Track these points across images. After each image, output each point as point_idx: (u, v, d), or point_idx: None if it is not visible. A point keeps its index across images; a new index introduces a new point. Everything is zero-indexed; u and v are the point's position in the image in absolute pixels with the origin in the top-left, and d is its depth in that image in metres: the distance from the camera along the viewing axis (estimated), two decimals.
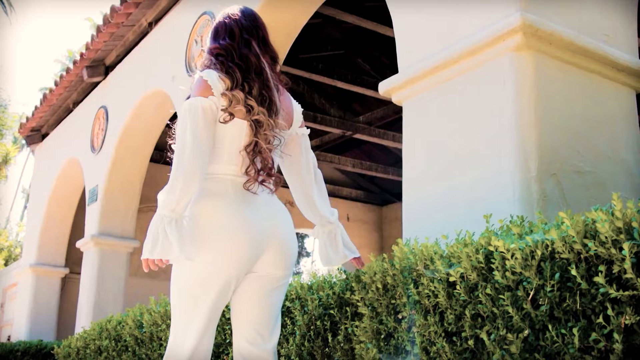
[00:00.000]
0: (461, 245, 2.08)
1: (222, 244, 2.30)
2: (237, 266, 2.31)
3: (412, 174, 3.75)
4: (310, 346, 2.75)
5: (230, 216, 2.31)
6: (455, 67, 3.58)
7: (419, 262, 2.25)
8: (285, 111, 2.49)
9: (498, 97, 3.33)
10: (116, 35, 8.02)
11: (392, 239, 13.45)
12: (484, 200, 3.28)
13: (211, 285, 2.31)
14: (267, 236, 2.36)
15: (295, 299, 2.92)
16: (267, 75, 2.39)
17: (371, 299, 2.43)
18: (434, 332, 2.15)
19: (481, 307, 2.02)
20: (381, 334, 2.37)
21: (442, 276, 2.14)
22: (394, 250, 2.46)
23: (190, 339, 2.31)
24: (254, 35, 2.46)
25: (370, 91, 9.02)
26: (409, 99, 3.94)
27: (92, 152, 8.69)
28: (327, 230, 2.71)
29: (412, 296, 2.26)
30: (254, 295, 2.40)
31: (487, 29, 3.36)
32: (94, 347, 4.78)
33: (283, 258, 2.41)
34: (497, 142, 3.29)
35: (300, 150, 2.60)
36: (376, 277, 2.43)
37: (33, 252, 10.15)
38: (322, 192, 2.67)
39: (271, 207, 2.42)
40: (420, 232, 3.48)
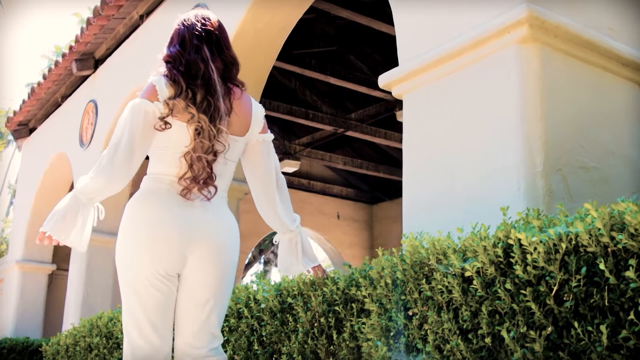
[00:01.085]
0: (478, 239, 1.99)
1: (143, 239, 2.32)
2: (159, 262, 2.31)
3: (413, 168, 3.68)
4: (313, 344, 2.65)
5: (156, 214, 2.33)
6: (458, 59, 3.52)
7: (431, 256, 2.16)
8: (239, 116, 2.47)
9: (502, 91, 3.27)
10: (106, 28, 7.89)
11: (382, 237, 13.40)
12: (488, 195, 3.22)
13: (137, 280, 2.34)
14: (195, 238, 2.35)
15: (298, 295, 2.82)
16: (213, 81, 2.38)
17: (379, 295, 2.34)
18: (448, 330, 2.06)
19: (499, 303, 1.93)
20: (390, 331, 2.28)
21: (457, 271, 2.06)
22: (403, 245, 2.38)
23: (136, 338, 2.34)
24: (205, 40, 2.45)
25: (363, 88, 8.96)
26: (410, 92, 3.87)
27: (81, 146, 8.55)
28: (287, 238, 2.69)
29: (423, 292, 2.17)
30: (189, 304, 2.41)
31: (492, 21, 3.29)
32: (84, 344, 4.66)
33: (212, 264, 2.38)
34: (501, 136, 3.23)
35: (261, 156, 2.56)
36: (385, 272, 2.34)
37: (19, 248, 9.99)
38: (284, 199, 2.63)
39: (208, 212, 2.39)
40: (421, 227, 3.42)
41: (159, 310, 2.36)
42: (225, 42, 2.51)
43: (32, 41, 52.20)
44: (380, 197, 13.58)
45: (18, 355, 7.84)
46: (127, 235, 2.37)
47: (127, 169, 2.36)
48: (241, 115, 2.48)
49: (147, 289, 2.33)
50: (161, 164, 2.42)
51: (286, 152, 11.14)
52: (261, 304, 3.01)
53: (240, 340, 3.10)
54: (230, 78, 2.50)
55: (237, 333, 3.13)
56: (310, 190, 12.90)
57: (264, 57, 6.13)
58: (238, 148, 2.50)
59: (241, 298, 3.17)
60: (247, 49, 5.92)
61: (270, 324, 2.94)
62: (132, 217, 2.38)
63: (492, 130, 3.28)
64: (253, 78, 6.14)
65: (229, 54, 2.50)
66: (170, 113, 2.35)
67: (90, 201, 2.44)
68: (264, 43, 6.03)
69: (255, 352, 3.03)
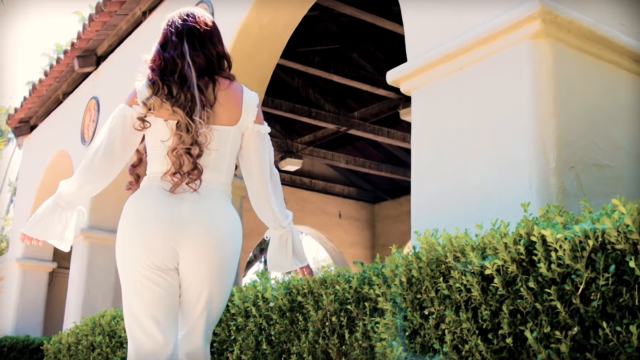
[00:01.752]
0: (498, 236, 1.93)
1: (134, 234, 2.36)
2: (149, 255, 2.33)
3: (422, 165, 3.64)
4: (325, 343, 2.59)
5: (145, 210, 2.37)
6: (468, 55, 3.47)
7: (448, 253, 2.10)
8: (225, 106, 2.46)
9: (514, 86, 3.23)
10: (109, 24, 7.83)
11: (384, 236, 13.36)
12: (499, 193, 3.18)
13: (131, 275, 2.36)
14: (184, 233, 2.35)
15: (308, 293, 2.76)
16: (188, 74, 2.39)
17: (394, 293, 2.28)
18: (467, 329, 2.00)
19: (521, 302, 1.87)
20: (405, 331, 2.22)
21: (476, 269, 1.99)
22: (417, 242, 2.31)
23: (140, 337, 2.34)
24: (186, 36, 2.47)
25: (367, 86, 8.91)
26: (419, 88, 3.82)
27: (83, 143, 8.49)
28: (278, 235, 2.64)
29: (440, 290, 2.11)
30: (183, 300, 2.43)
31: (503, 16, 3.24)
32: (86, 343, 4.59)
33: (202, 259, 2.37)
34: (514, 132, 3.18)
35: (256, 147, 2.54)
36: (399, 270, 2.28)
37: (20, 245, 9.92)
38: (277, 194, 2.60)
39: (200, 207, 2.39)
40: (430, 224, 3.38)
41: (160, 305, 2.35)
42: (209, 36, 2.51)
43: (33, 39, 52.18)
44: (382, 196, 13.53)
45: (18, 354, 7.78)
46: (120, 232, 2.42)
47: (106, 172, 2.47)
48: (228, 105, 2.46)
49: (144, 282, 2.34)
50: (153, 163, 2.46)
51: (288, 151, 11.09)
52: (270, 302, 2.94)
53: (247, 340, 3.03)
54: (216, 70, 2.50)
55: (244, 332, 3.07)
56: (311, 189, 12.85)
57: (268, 54, 6.07)
58: (231, 139, 2.48)
59: (249, 296, 3.10)
60: (251, 46, 5.86)
61: (279, 323, 2.88)
62: (124, 215, 2.43)
63: (503, 126, 3.23)
64: (257, 75, 6.08)
65: (215, 48, 2.50)
66: (147, 112, 2.40)
67: (68, 204, 2.55)
68: (268, 40, 5.97)
69: (264, 352, 2.96)
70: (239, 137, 2.51)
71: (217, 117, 2.43)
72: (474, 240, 2.10)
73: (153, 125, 2.43)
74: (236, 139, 2.50)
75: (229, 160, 2.49)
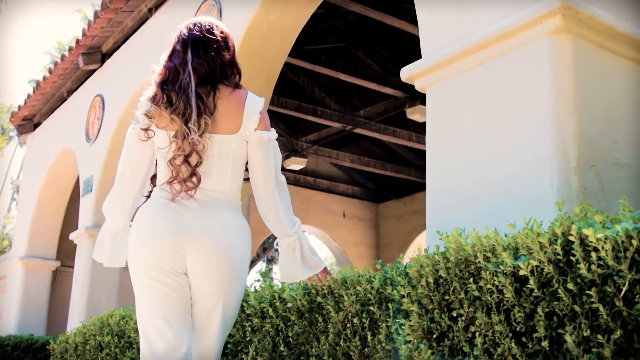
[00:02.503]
0: (533, 235, 1.86)
1: (141, 241, 2.40)
2: (154, 259, 2.37)
3: (437, 163, 3.58)
4: (346, 346, 2.52)
5: (151, 218, 2.41)
6: (486, 51, 3.42)
7: (478, 253, 2.04)
8: (225, 115, 2.44)
9: (533, 83, 3.17)
10: (114, 21, 7.77)
11: (388, 236, 13.30)
12: (518, 191, 3.12)
13: (139, 278, 2.41)
14: (188, 241, 2.37)
15: (328, 294, 2.69)
16: (188, 81, 2.40)
17: (420, 294, 2.21)
18: (499, 332, 1.93)
19: (557, 304, 1.80)
20: (433, 333, 2.15)
21: (508, 270, 1.93)
22: (441, 242, 2.25)
23: (152, 336, 2.37)
24: (190, 45, 2.46)
25: (373, 84, 8.85)
26: (434, 85, 3.77)
27: (87, 141, 8.42)
28: (286, 243, 2.62)
29: (470, 292, 2.04)
30: (193, 310, 2.45)
31: (523, 11, 3.19)
32: (94, 343, 4.53)
33: (206, 269, 2.38)
34: (533, 130, 3.13)
35: (259, 154, 2.50)
36: (425, 270, 2.21)
37: (23, 244, 9.86)
38: (284, 201, 2.56)
39: (203, 216, 2.40)
40: (446, 224, 3.33)
41: (171, 307, 2.37)
42: (214, 44, 2.48)
43: (34, 38, 52.16)
44: (386, 195, 13.47)
45: (22, 353, 7.72)
46: (130, 240, 2.47)
47: (136, 193, 2.56)
48: (228, 114, 2.44)
49: (154, 285, 2.37)
50: (159, 172, 2.51)
51: (293, 149, 11.03)
52: (288, 303, 2.88)
53: (264, 341, 2.97)
54: (219, 78, 2.48)
55: (260, 333, 3.00)
56: (316, 188, 12.79)
57: (277, 50, 6.01)
58: (233, 147, 2.46)
59: (265, 297, 3.04)
60: (260, 42, 5.80)
61: (297, 324, 2.81)
62: (134, 223, 2.49)
63: (522, 124, 3.18)
64: (265, 71, 6.02)
65: (219, 56, 2.48)
66: (150, 123, 2.45)
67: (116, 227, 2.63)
68: (277, 36, 5.91)
69: (281, 354, 2.90)
70: (242, 145, 2.49)
71: (218, 126, 2.43)
72: (504, 240, 2.04)
73: (157, 135, 2.45)
74: (239, 147, 2.48)
75: (232, 168, 2.47)
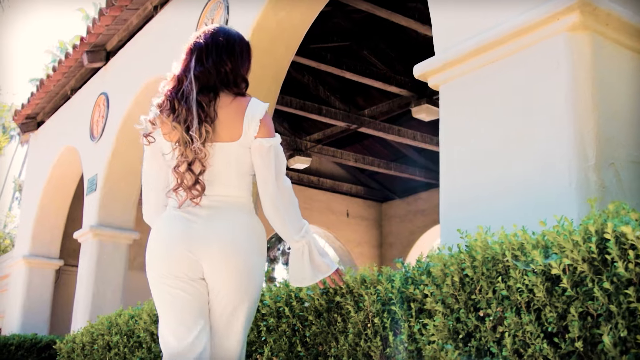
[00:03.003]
0: (566, 233, 1.81)
1: (156, 250, 2.46)
2: (171, 268, 2.41)
3: (451, 162, 3.55)
4: (367, 346, 2.47)
5: (163, 226, 2.46)
6: (501, 47, 3.37)
7: (506, 252, 1.99)
8: (225, 123, 2.44)
9: (550, 81, 3.13)
10: (119, 19, 7.72)
11: (392, 236, 13.26)
12: (535, 190, 3.08)
13: (155, 289, 2.47)
14: (200, 247, 2.40)
15: (347, 293, 2.64)
16: (188, 89, 2.41)
17: (445, 294, 2.16)
18: (530, 333, 1.89)
19: (591, 304, 1.76)
20: (459, 333, 2.11)
21: (539, 268, 1.88)
22: (468, 240, 2.20)
23: (168, 337, 2.43)
24: (196, 53, 2.48)
25: (378, 83, 8.80)
26: (448, 82, 3.73)
27: (92, 140, 8.37)
28: (295, 248, 2.63)
29: (498, 291, 2.00)
30: (215, 317, 2.47)
31: (540, 7, 3.14)
32: (102, 342, 4.48)
33: (222, 271, 2.41)
34: (550, 128, 3.08)
35: (257, 162, 2.50)
36: (450, 269, 2.17)
37: (26, 243, 9.81)
38: (287, 207, 2.56)
39: (212, 223, 2.43)
40: (461, 223, 3.29)
41: (186, 310, 2.41)
42: (219, 52, 2.49)
43: (35, 37, 52.12)
44: (389, 195, 13.43)
45: (26, 352, 7.67)
46: (147, 248, 2.53)
47: (158, 204, 2.60)
48: (227, 123, 2.44)
49: (170, 291, 2.43)
50: (171, 181, 2.54)
51: (297, 149, 10.98)
52: (305, 302, 2.83)
53: (280, 341, 2.92)
54: (219, 86, 2.47)
55: (276, 333, 2.95)
56: (319, 188, 12.76)
57: (285, 47, 5.96)
58: (234, 155, 2.46)
59: (281, 296, 2.99)
60: (267, 40, 5.76)
61: (315, 324, 2.76)
62: (151, 232, 2.55)
63: (538, 121, 3.14)
64: (273, 69, 5.97)
65: (223, 63, 2.48)
66: (153, 129, 2.48)
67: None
68: (285, 33, 5.86)
69: (298, 354, 2.85)
70: (245, 151, 2.48)
71: (218, 134, 2.43)
72: (533, 238, 1.99)
73: (162, 142, 2.49)
74: (242, 154, 2.48)
75: (237, 174, 2.49)
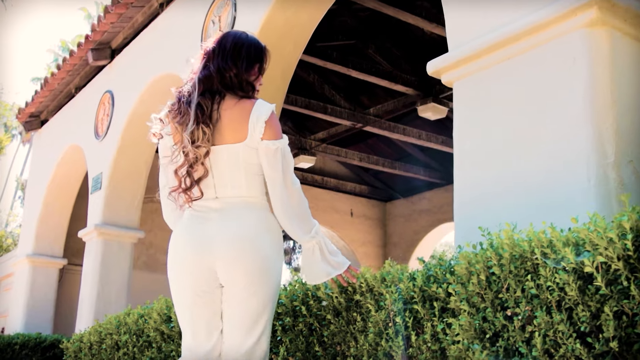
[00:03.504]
0: (600, 230, 1.76)
1: (171, 260, 2.54)
2: (187, 278, 2.48)
3: (466, 159, 3.51)
4: (388, 346, 2.42)
5: (177, 236, 2.54)
6: (517, 44, 3.34)
7: (536, 249, 1.94)
8: (228, 125, 2.47)
9: (567, 77, 3.10)
10: (125, 16, 7.68)
11: (396, 235, 13.21)
12: (552, 188, 3.04)
13: (175, 295, 2.54)
14: (213, 248, 2.43)
15: (367, 291, 2.59)
16: (193, 91, 2.45)
17: (470, 292, 2.12)
18: (562, 332, 1.84)
19: (627, 302, 1.71)
20: (486, 333, 2.06)
21: (570, 266, 1.84)
22: (494, 237, 2.15)
23: (187, 340, 2.53)
24: (206, 57, 2.53)
25: (384, 82, 8.75)
26: (462, 79, 3.69)
27: (96, 138, 8.32)
28: (305, 247, 2.64)
29: (527, 290, 1.95)
30: (225, 307, 2.49)
31: (557, 3, 3.11)
32: (110, 342, 4.43)
33: (236, 266, 2.42)
34: (568, 124, 3.05)
35: (265, 164, 2.50)
36: (476, 267, 2.12)
37: (30, 241, 9.76)
38: (296, 208, 2.55)
39: (225, 221, 2.47)
40: (475, 220, 3.25)
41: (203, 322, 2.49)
42: (225, 56, 2.51)
43: (37, 36, 52.14)
44: (394, 194, 13.38)
45: (31, 352, 7.62)
46: (168, 257, 2.61)
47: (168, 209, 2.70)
48: (233, 124, 2.46)
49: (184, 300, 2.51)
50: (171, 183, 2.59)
51: (302, 148, 10.93)
52: (323, 301, 2.78)
53: (296, 341, 2.87)
54: (220, 89, 2.49)
55: (292, 333, 2.90)
56: (323, 187, 12.70)
57: (293, 45, 5.91)
58: (241, 156, 2.47)
59: (297, 295, 2.94)
60: (276, 37, 5.71)
61: (333, 323, 2.72)
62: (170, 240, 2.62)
63: (556, 118, 3.10)
64: (281, 67, 5.93)
65: (227, 68, 2.49)
66: (162, 126, 2.55)
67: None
68: (293, 31, 5.82)
69: (315, 354, 2.80)
70: (252, 152, 2.49)
71: (223, 136, 2.46)
72: (562, 235, 1.94)
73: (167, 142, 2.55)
74: (249, 155, 2.48)
75: (246, 175, 2.50)
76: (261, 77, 2.65)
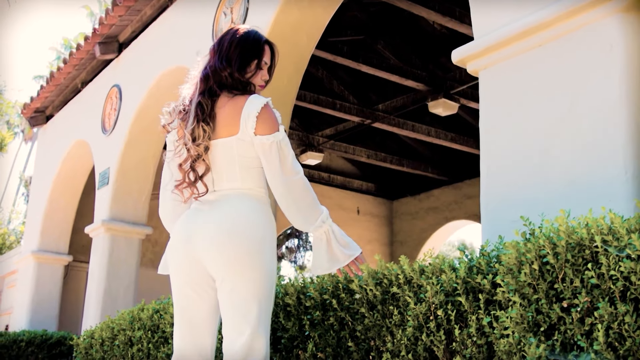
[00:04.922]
0: None
1: (168, 255, 2.59)
2: (180, 272, 2.51)
3: (492, 150, 3.41)
4: (429, 340, 2.30)
5: (174, 230, 2.58)
6: (547, 31, 3.24)
7: (596, 236, 1.83)
8: (222, 122, 2.50)
9: (603, 64, 3.00)
10: (133, 9, 7.56)
11: (402, 233, 13.09)
12: (585, 179, 2.94)
13: (173, 292, 2.56)
14: (197, 240, 2.46)
15: (404, 283, 2.48)
16: (194, 89, 2.52)
17: (521, 283, 2.00)
18: (628, 324, 1.73)
19: None
20: (540, 326, 1.94)
21: (636, 254, 1.72)
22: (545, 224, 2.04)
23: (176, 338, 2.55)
24: (210, 52, 2.58)
25: (395, 77, 8.62)
26: (488, 67, 3.59)
27: (104, 133, 8.21)
28: (314, 237, 2.65)
29: (586, 280, 1.84)
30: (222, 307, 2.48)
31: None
32: (123, 338, 4.31)
33: (215, 258, 2.43)
34: (603, 113, 2.94)
35: (262, 158, 2.51)
36: (527, 257, 2.00)
37: (35, 238, 9.64)
38: (297, 200, 2.53)
39: (212, 210, 2.49)
40: (506, 214, 3.15)
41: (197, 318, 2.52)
42: (224, 53, 2.54)
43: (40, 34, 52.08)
44: (400, 192, 13.25)
45: (37, 349, 7.51)
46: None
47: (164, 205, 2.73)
48: (226, 121, 2.49)
49: (179, 298, 2.54)
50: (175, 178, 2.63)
51: (309, 144, 10.82)
52: (356, 294, 2.66)
53: (326, 336, 2.74)
54: (216, 87, 2.52)
55: (322, 327, 2.78)
56: (330, 184, 12.59)
57: (307, 37, 5.80)
58: (235, 149, 2.49)
59: (327, 287, 2.82)
60: (289, 30, 5.62)
61: (368, 317, 2.60)
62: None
63: (590, 107, 3.00)
64: (294, 60, 5.83)
65: (221, 64, 2.52)
66: (171, 120, 2.60)
67: None
68: (307, 22, 5.70)
69: (347, 349, 2.68)
70: (246, 145, 2.50)
71: (218, 132, 2.49)
72: (624, 221, 1.83)
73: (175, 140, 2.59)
74: (243, 148, 2.50)
75: (241, 168, 2.51)
76: (263, 72, 2.64)
